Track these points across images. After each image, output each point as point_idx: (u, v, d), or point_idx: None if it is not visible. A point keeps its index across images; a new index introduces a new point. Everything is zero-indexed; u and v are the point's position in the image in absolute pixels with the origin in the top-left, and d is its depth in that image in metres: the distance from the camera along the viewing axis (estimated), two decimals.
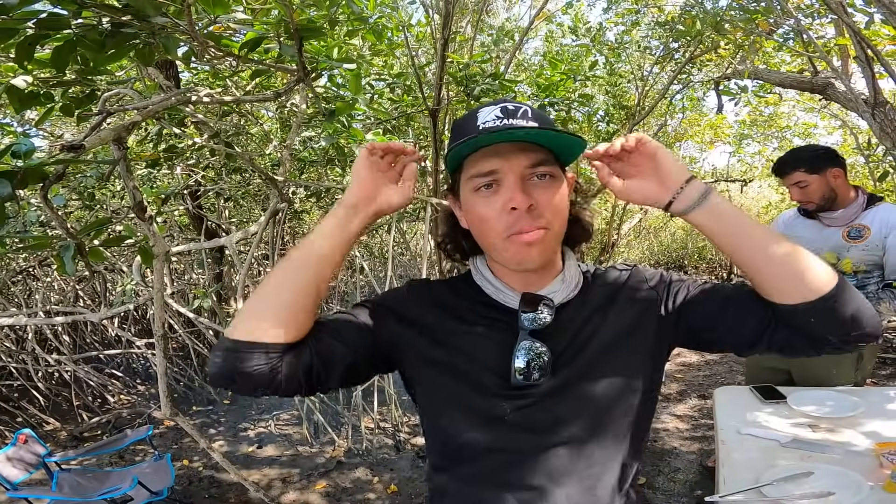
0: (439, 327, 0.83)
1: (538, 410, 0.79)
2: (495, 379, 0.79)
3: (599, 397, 0.80)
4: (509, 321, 0.80)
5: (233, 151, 2.06)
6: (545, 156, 0.77)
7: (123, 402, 4.31)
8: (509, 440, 0.79)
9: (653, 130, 6.36)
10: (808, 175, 1.92)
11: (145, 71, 1.99)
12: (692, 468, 2.92)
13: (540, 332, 0.78)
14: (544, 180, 0.77)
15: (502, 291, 0.82)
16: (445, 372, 0.81)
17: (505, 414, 0.79)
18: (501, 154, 0.75)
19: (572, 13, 5.32)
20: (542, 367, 0.77)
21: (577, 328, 0.82)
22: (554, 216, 0.78)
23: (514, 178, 0.75)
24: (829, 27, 3.75)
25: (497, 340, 0.80)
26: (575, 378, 0.80)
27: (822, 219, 2.01)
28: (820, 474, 1.33)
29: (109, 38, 1.09)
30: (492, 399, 0.79)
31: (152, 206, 2.61)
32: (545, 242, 0.77)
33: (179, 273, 5.02)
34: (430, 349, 0.82)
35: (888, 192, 5.51)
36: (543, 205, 0.76)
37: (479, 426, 0.80)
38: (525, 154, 0.76)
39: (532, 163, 0.76)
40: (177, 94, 1.36)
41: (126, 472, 2.64)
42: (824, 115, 6.09)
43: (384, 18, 2.74)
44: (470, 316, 0.84)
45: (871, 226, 1.90)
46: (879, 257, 1.90)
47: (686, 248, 9.35)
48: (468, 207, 0.81)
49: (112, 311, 2.26)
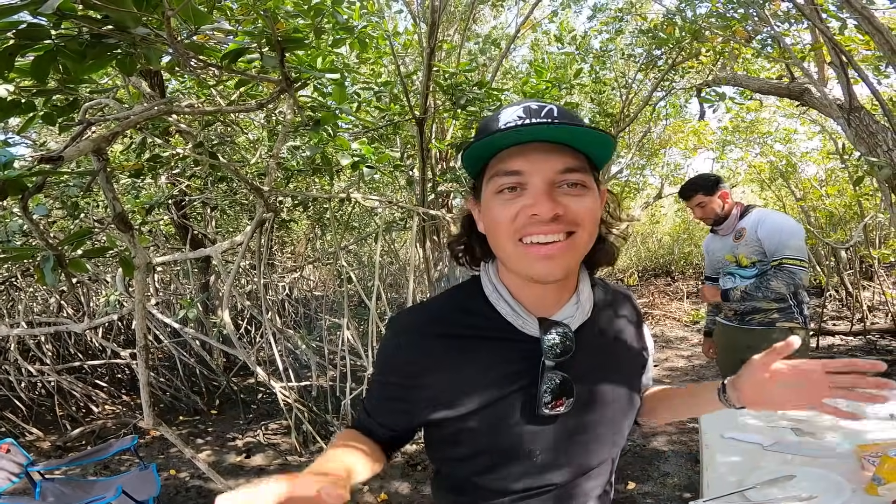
0: (450, 368, 0.76)
1: (564, 442, 0.77)
2: (520, 411, 0.75)
3: (609, 423, 0.81)
4: (527, 348, 0.75)
5: (216, 161, 2.05)
6: (578, 162, 0.69)
7: (108, 413, 4.25)
8: (538, 479, 0.79)
9: (637, 137, 6.44)
10: (705, 197, 2.43)
11: (129, 80, 1.98)
12: (681, 472, 2.94)
13: (562, 362, 0.74)
14: (575, 189, 0.69)
15: (521, 317, 0.75)
16: (468, 413, 0.75)
17: (534, 455, 0.77)
18: (528, 155, 0.68)
19: (558, 21, 5.39)
20: (564, 395, 0.74)
21: (593, 354, 0.78)
22: (583, 229, 0.69)
23: (541, 183, 0.67)
24: (805, 33, 3.84)
25: (517, 370, 0.75)
26: (592, 405, 0.79)
27: (718, 231, 2.52)
28: (802, 477, 1.35)
29: (90, 48, 1.09)
30: (520, 433, 0.76)
31: (136, 217, 2.59)
32: (568, 255, 0.69)
33: (165, 283, 4.97)
34: (442, 394, 0.76)
35: (867, 197, 5.61)
36: (573, 214, 0.68)
37: (506, 465, 0.78)
38: (555, 157, 0.68)
39: (563, 168, 0.68)
40: (158, 104, 1.36)
41: (110, 481, 2.60)
42: (804, 120, 6.20)
43: (370, 28, 2.75)
44: (483, 346, 0.76)
45: (747, 227, 2.38)
46: (758, 248, 2.34)
47: (673, 253, 9.45)
48: (486, 209, 0.73)
49: (95, 322, 2.23)
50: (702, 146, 6.91)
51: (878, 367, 0.74)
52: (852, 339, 5.35)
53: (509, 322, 0.76)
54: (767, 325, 2.36)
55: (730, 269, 2.47)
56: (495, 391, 0.74)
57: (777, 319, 2.35)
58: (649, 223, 9.51)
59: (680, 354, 5.30)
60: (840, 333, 5.54)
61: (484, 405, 0.74)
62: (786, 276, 2.24)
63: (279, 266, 6.15)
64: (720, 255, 2.52)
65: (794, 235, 2.29)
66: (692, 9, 3.85)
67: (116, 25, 1.05)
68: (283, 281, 5.53)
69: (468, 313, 0.78)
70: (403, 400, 0.79)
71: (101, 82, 2.30)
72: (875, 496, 1.24)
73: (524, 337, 0.75)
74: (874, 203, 5.63)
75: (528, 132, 0.66)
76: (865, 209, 5.73)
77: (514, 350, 0.75)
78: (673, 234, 9.66)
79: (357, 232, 5.66)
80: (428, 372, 0.76)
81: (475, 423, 0.75)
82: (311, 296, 6.64)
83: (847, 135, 2.94)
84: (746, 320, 2.42)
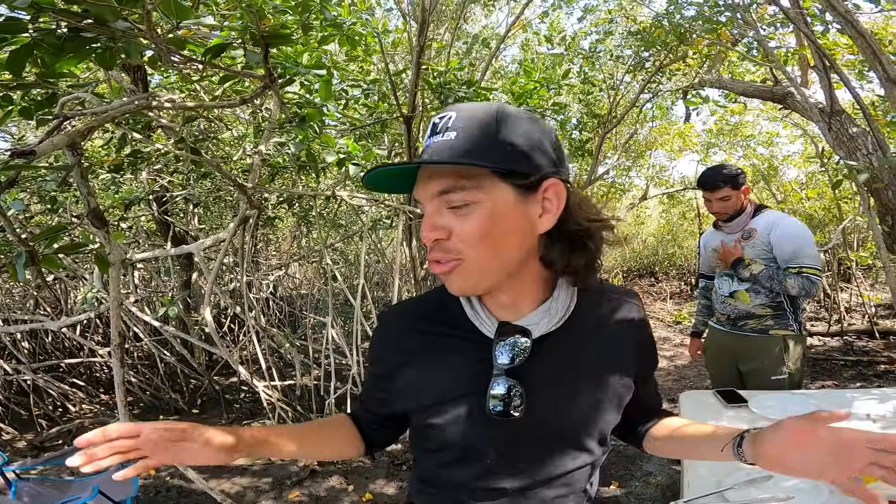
0: (420, 363, 0.80)
1: (515, 448, 0.78)
2: (473, 413, 0.76)
3: (570, 435, 0.79)
4: (485, 350, 0.75)
5: (198, 157, 2.01)
6: (459, 180, 0.67)
7: (86, 412, 4.16)
8: (489, 481, 0.79)
9: (624, 138, 6.50)
10: (732, 191, 2.27)
11: (111, 74, 1.94)
12: (664, 471, 2.97)
13: (515, 368, 0.73)
14: (460, 210, 0.68)
15: (479, 317, 0.76)
16: (427, 406, 0.79)
17: (485, 458, 0.78)
18: (420, 181, 0.71)
19: (549, 21, 5.41)
20: (514, 399, 0.72)
21: (557, 364, 0.77)
22: (469, 247, 0.68)
23: (429, 208, 0.69)
24: (790, 37, 3.90)
25: (475, 371, 0.75)
26: (548, 415, 0.76)
27: (724, 228, 2.39)
28: (780, 478, 1.37)
29: (68, 42, 1.06)
30: (471, 434, 0.77)
31: (115, 213, 2.53)
32: (462, 276, 0.70)
33: (146, 280, 4.88)
34: (409, 388, 0.81)
35: (845, 200, 5.73)
36: (457, 236, 0.68)
37: (461, 463, 0.80)
38: (434, 181, 0.68)
39: (438, 191, 0.68)
40: (138, 98, 1.33)
41: (87, 481, 2.56)
42: (786, 124, 6.31)
43: (359, 25, 2.73)
44: (451, 344, 0.79)
45: (758, 228, 2.28)
46: (766, 252, 2.26)
47: (657, 254, 9.55)
48: None
49: (72, 320, 2.19)
50: (687, 148, 6.99)
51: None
52: (830, 339, 5.46)
53: (471, 322, 0.77)
54: (761, 332, 2.28)
55: (730, 271, 2.34)
56: (454, 390, 0.77)
57: (771, 326, 2.26)
58: (634, 224, 9.61)
59: (663, 355, 5.36)
60: (818, 334, 5.65)
61: (442, 402, 0.77)
62: (805, 283, 2.15)
63: (264, 264, 6.09)
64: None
65: (810, 243, 2.22)
66: (678, 11, 3.90)
67: (95, 19, 1.02)
68: (267, 279, 5.48)
69: (446, 311, 0.80)
70: (381, 389, 0.85)
71: (82, 77, 2.25)
72: (851, 497, 1.26)
73: (484, 338, 0.76)
74: (853, 206, 5.75)
75: (389, 169, 0.71)
76: (844, 212, 5.86)
77: (475, 351, 0.76)
78: (657, 235, 9.76)
79: (343, 230, 5.63)
80: (402, 365, 0.81)
81: (435, 419, 0.77)
82: (297, 294, 6.59)
83: (827, 138, 2.99)
84: (739, 326, 2.33)
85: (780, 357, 2.24)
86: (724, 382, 2.38)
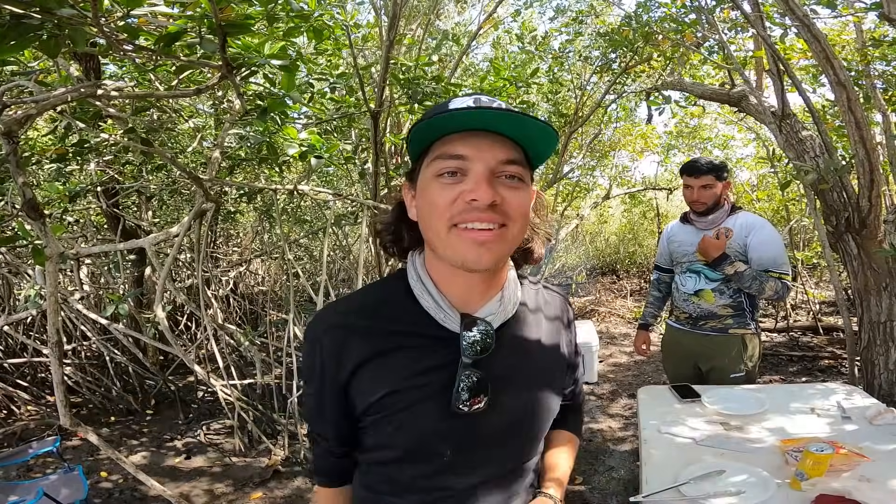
0: (370, 361, 0.76)
1: (475, 441, 0.77)
2: (436, 406, 0.75)
3: (525, 423, 0.81)
4: (446, 344, 0.75)
5: (149, 149, 1.92)
6: (519, 155, 0.71)
7: (31, 414, 3.95)
8: (444, 479, 0.78)
9: (589, 139, 6.62)
10: (715, 180, 2.26)
11: (60, 63, 1.83)
12: (626, 465, 3.04)
13: (480, 360, 0.74)
14: (513, 181, 0.70)
15: (443, 310, 0.75)
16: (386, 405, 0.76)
17: (444, 454, 0.76)
18: (473, 141, 0.69)
19: (521, 20, 5.43)
20: (481, 393, 0.73)
21: (512, 354, 0.79)
22: (515, 222, 0.70)
23: (483, 170, 0.68)
24: (750, 42, 4.04)
25: (434, 366, 0.75)
26: (507, 405, 0.78)
27: (696, 223, 2.36)
28: (731, 472, 1.42)
29: (11, 29, 0.99)
30: (432, 431, 0.76)
31: (59, 205, 2.39)
32: (500, 245, 0.70)
33: (95, 277, 4.65)
34: (362, 385, 0.77)
35: (793, 202, 6.01)
36: (508, 206, 0.69)
37: (413, 463, 0.78)
38: (499, 147, 0.70)
39: (506, 158, 0.70)
40: (84, 86, 1.25)
41: (32, 484, 2.48)
42: (741, 127, 6.56)
43: (326, 17, 2.66)
44: (402, 340, 0.76)
45: (734, 228, 2.27)
46: (739, 253, 2.25)
47: (619, 252, 9.80)
48: (422, 192, 0.72)
49: (13, 318, 2.06)
50: (648, 149, 7.18)
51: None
52: (776, 335, 5.73)
53: (430, 316, 0.75)
54: (720, 332, 2.31)
55: (696, 268, 2.35)
56: (410, 387, 0.74)
57: (731, 325, 2.30)
58: (598, 223, 9.81)
59: (623, 350, 5.50)
60: (765, 330, 5.91)
61: (398, 400, 0.74)
62: (781, 288, 2.18)
63: (223, 260, 5.91)
64: (688, 249, 2.37)
65: (784, 251, 2.26)
66: (646, 11, 3.98)
67: (40, 6, 0.95)
68: (227, 275, 5.32)
69: (390, 306, 0.78)
70: (343, 396, 0.78)
71: (31, 65, 2.11)
72: (798, 490, 1.31)
73: (444, 332, 0.75)
74: (800, 208, 6.05)
75: (479, 116, 0.68)
76: (792, 213, 6.15)
77: (433, 345, 0.75)
78: (619, 234, 10.01)
79: (308, 226, 5.52)
80: (352, 364, 0.76)
81: (394, 417, 0.75)
82: (258, 291, 6.43)
83: (778, 140, 3.11)
84: (700, 325, 2.35)
85: (738, 355, 2.30)
86: (679, 378, 2.43)
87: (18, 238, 1.28)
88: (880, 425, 1.67)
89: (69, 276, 4.43)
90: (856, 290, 2.81)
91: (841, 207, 2.72)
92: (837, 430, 1.67)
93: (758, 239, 2.22)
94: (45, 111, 1.24)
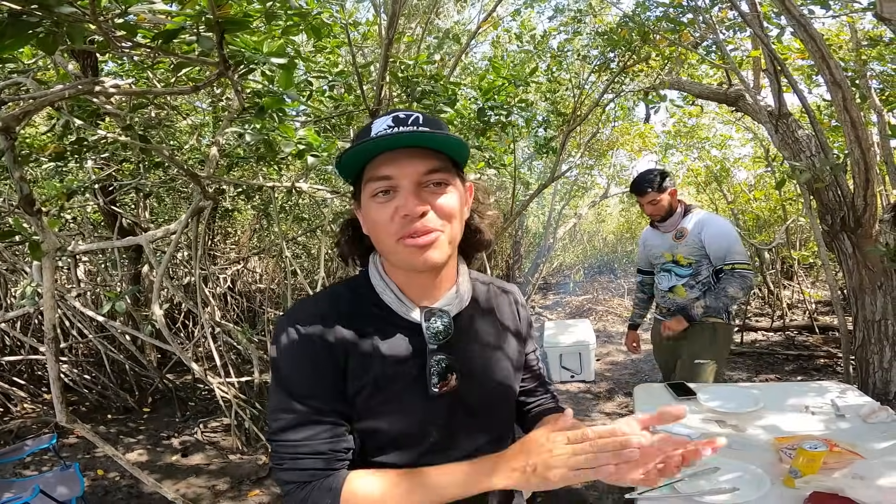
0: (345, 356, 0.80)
1: (454, 419, 0.84)
2: (415, 392, 0.81)
3: (495, 399, 0.90)
4: (411, 334, 0.83)
5: (147, 146, 1.92)
6: (440, 163, 0.78)
7: (28, 411, 3.95)
8: (430, 460, 0.81)
9: (586, 137, 6.62)
10: (658, 194, 2.47)
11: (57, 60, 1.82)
12: None
13: (444, 345, 0.82)
14: (439, 188, 0.78)
15: (405, 304, 0.83)
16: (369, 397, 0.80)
17: (430, 435, 0.83)
18: (396, 161, 0.76)
19: (520, 19, 5.43)
20: (448, 374, 0.81)
21: (472, 338, 0.88)
22: (447, 221, 0.79)
23: (409, 185, 0.76)
24: (747, 42, 4.05)
25: (403, 356, 0.81)
26: (476, 383, 0.86)
27: (660, 227, 2.59)
28: (726, 469, 1.43)
29: (9, 26, 0.99)
30: (414, 414, 0.82)
31: (57, 202, 2.39)
32: (439, 246, 0.78)
33: (92, 274, 4.65)
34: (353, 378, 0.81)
35: (790, 201, 6.03)
36: (439, 210, 0.78)
37: (399, 447, 0.82)
38: (419, 161, 0.77)
39: (427, 169, 0.77)
40: (81, 83, 1.25)
41: (28, 481, 2.48)
42: (739, 127, 6.57)
43: (325, 15, 2.66)
44: (372, 333, 0.81)
45: (689, 227, 2.48)
46: (698, 249, 2.46)
47: (616, 251, 9.82)
48: (365, 213, 0.81)
49: (10, 315, 2.06)
50: (646, 149, 7.19)
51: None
52: (773, 334, 5.76)
53: (394, 310, 0.83)
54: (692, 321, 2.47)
55: (667, 267, 2.57)
56: (385, 377, 0.80)
57: (701, 314, 2.46)
58: (595, 222, 9.83)
59: (620, 349, 5.52)
60: (762, 329, 5.94)
61: (385, 391, 0.80)
62: (740, 281, 2.37)
63: (221, 257, 5.90)
64: (658, 252, 2.61)
65: (737, 240, 2.43)
66: (644, 10, 3.99)
67: (38, 3, 0.95)
68: (224, 273, 5.31)
69: (366, 304, 0.84)
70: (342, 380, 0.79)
71: (30, 63, 2.11)
72: (792, 488, 1.32)
73: (407, 324, 0.83)
74: (796, 208, 6.07)
75: (396, 139, 0.75)
76: (788, 213, 6.17)
77: (400, 337, 0.82)
78: (616, 232, 10.03)
79: (306, 223, 5.51)
80: (334, 354, 0.79)
81: (379, 408, 0.80)
82: (256, 289, 6.42)
83: (774, 140, 3.12)
84: (673, 315, 2.53)
85: (706, 343, 2.46)
86: (668, 369, 2.63)
87: (15, 233, 1.28)
88: (874, 423, 1.68)
89: (66, 273, 4.42)
90: (851, 288, 2.82)
91: (836, 207, 2.73)
92: (831, 428, 1.68)
93: (709, 234, 2.43)
94: (43, 107, 1.24)
